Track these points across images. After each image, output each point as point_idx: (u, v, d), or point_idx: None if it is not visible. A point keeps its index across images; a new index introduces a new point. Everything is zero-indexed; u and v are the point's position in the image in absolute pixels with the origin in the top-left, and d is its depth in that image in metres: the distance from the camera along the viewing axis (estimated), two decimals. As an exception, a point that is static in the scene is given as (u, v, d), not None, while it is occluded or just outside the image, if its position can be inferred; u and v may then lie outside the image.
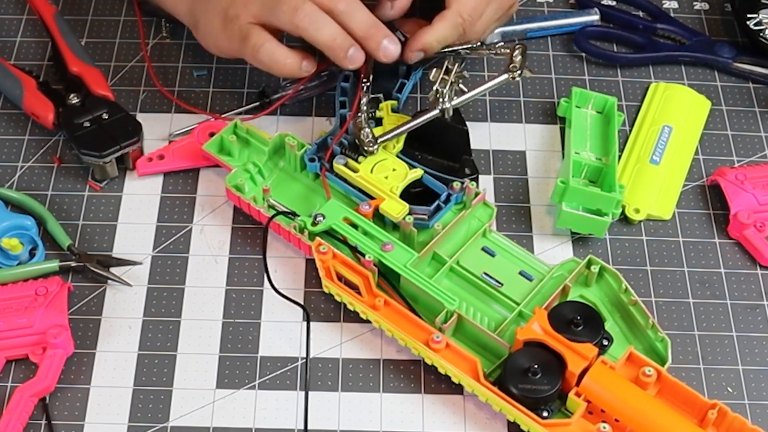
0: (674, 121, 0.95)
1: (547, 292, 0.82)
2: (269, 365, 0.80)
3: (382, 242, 0.82)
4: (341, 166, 0.86)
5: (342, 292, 0.81)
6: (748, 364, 0.82)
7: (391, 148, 0.88)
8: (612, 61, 1.00)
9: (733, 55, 1.00)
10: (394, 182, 0.85)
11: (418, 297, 0.81)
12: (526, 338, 0.77)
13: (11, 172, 0.91)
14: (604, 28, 1.03)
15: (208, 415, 0.78)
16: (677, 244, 0.88)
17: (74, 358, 0.80)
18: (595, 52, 1.00)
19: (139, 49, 0.99)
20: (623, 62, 1.00)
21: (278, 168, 0.90)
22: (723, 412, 0.75)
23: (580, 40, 1.01)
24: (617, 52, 1.01)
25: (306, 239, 0.83)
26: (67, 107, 0.90)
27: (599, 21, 1.03)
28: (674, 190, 0.91)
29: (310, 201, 0.88)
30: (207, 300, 0.84)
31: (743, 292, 0.86)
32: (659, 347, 0.80)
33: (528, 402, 0.75)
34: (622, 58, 1.00)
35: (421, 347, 0.78)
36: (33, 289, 0.81)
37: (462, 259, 0.84)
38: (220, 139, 0.89)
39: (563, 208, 0.86)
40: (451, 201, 0.86)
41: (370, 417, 0.78)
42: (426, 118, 0.88)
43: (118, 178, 0.90)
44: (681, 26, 1.02)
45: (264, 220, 0.85)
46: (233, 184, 0.86)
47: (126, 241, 0.87)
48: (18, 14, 1.03)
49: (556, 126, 0.96)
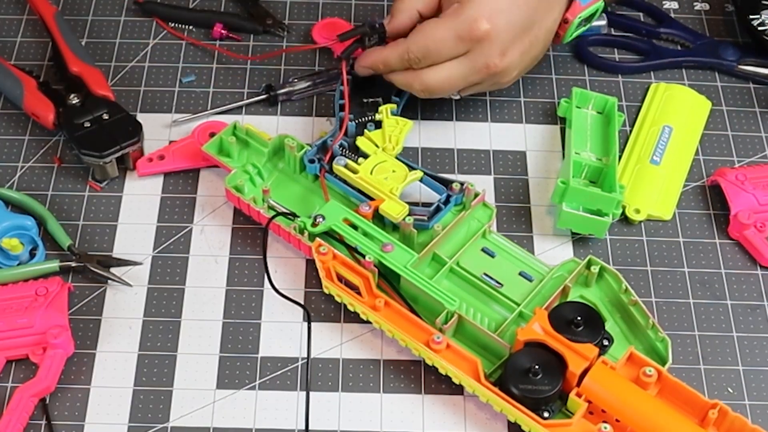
0: (674, 121, 0.95)
1: (547, 293, 0.82)
2: (269, 366, 0.80)
3: (382, 243, 0.82)
4: (341, 167, 0.86)
5: (342, 292, 0.81)
6: (749, 364, 0.82)
7: (391, 150, 0.88)
8: (616, 71, 1.00)
9: (737, 57, 1.00)
10: (393, 183, 0.85)
11: (418, 298, 0.81)
12: (526, 339, 0.77)
13: (11, 172, 0.91)
14: (606, 36, 1.02)
15: (208, 415, 0.78)
16: (677, 245, 0.88)
17: (74, 358, 0.80)
18: (598, 62, 1.00)
19: (139, 49, 0.99)
20: (627, 71, 1.00)
21: (277, 169, 0.90)
22: (724, 412, 0.75)
23: (582, 50, 1.00)
24: (620, 62, 1.00)
25: (306, 240, 0.83)
26: (67, 107, 0.90)
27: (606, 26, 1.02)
28: (674, 190, 0.91)
29: (309, 202, 0.88)
30: (207, 300, 0.84)
31: (743, 292, 0.86)
32: (659, 347, 0.80)
33: (529, 402, 0.75)
34: (626, 68, 1.00)
35: (422, 348, 0.78)
36: (33, 290, 0.81)
37: (462, 259, 0.84)
38: (219, 140, 0.89)
39: (563, 208, 0.86)
40: (450, 202, 0.86)
41: (370, 417, 0.78)
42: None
43: (119, 178, 0.90)
44: (684, 29, 1.02)
45: (264, 221, 0.85)
46: (233, 185, 0.86)
47: (126, 241, 0.87)
48: (18, 14, 1.03)
49: (556, 126, 0.96)
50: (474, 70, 0.87)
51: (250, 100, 0.95)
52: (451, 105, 0.96)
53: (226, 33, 1.00)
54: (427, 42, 0.85)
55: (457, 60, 0.86)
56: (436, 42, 0.85)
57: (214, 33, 1.00)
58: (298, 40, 1.01)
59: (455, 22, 0.85)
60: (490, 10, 0.85)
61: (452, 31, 0.85)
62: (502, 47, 0.86)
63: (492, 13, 0.85)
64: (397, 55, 0.87)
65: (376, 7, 1.03)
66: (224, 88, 0.97)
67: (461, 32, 0.84)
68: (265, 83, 0.96)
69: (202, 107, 0.95)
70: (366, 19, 0.91)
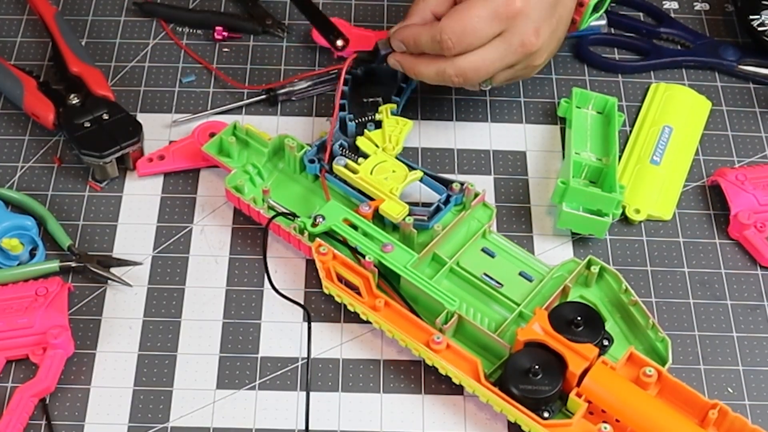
0: (675, 121, 0.95)
1: (547, 293, 0.82)
2: (269, 366, 0.80)
3: (382, 243, 0.82)
4: (341, 167, 0.86)
5: (342, 293, 0.81)
6: (749, 364, 0.82)
7: (391, 150, 0.88)
8: (616, 70, 1.00)
9: (737, 58, 1.00)
10: (393, 183, 0.85)
11: (418, 298, 0.81)
12: (526, 339, 0.77)
13: (11, 172, 0.91)
14: (606, 35, 1.02)
15: (208, 415, 0.78)
16: (677, 245, 0.88)
17: (74, 358, 0.80)
18: (598, 61, 1.00)
19: (139, 50, 0.99)
20: (628, 70, 1.00)
21: (277, 169, 0.90)
22: (724, 412, 0.75)
23: (583, 49, 1.00)
24: (621, 60, 1.00)
25: (306, 240, 0.83)
26: (67, 107, 0.90)
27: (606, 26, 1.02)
28: (674, 190, 0.91)
29: (309, 202, 0.88)
30: (207, 300, 0.84)
31: (743, 292, 0.86)
32: (659, 347, 0.80)
33: (529, 402, 0.75)
34: (627, 67, 1.00)
35: (422, 348, 0.78)
36: (33, 290, 0.81)
37: (462, 260, 0.84)
38: (219, 140, 0.89)
39: (563, 208, 0.86)
40: (450, 202, 0.86)
41: (370, 417, 0.78)
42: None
43: (119, 178, 0.90)
44: (685, 29, 1.02)
45: (264, 221, 0.85)
46: (233, 185, 0.86)
47: (126, 241, 0.87)
48: (18, 14, 1.03)
49: (556, 126, 0.96)
50: (510, 50, 0.84)
51: (250, 100, 0.95)
52: (451, 105, 0.96)
53: (227, 35, 1.00)
54: (463, 22, 0.82)
55: (491, 43, 0.84)
56: (472, 21, 0.82)
57: (215, 35, 1.00)
58: (298, 41, 1.01)
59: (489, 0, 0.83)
60: None
61: (488, 10, 0.82)
62: (536, 24, 0.84)
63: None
64: (429, 35, 0.84)
65: (376, 8, 1.03)
66: (224, 88, 0.97)
67: (497, 9, 0.82)
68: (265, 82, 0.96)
69: (202, 107, 0.95)
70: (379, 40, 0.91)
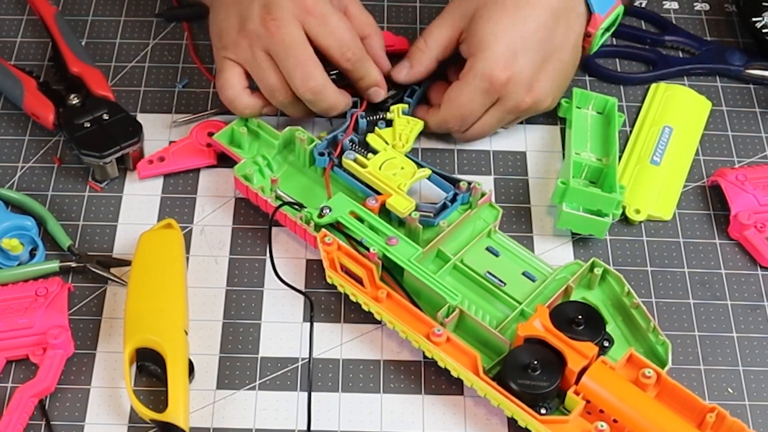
0: (675, 121, 0.95)
1: (549, 293, 0.82)
2: (270, 366, 0.80)
3: (387, 236, 0.82)
4: (350, 161, 0.86)
5: (345, 282, 0.80)
6: (749, 364, 0.82)
7: (401, 147, 0.88)
8: (627, 83, 0.99)
9: (744, 62, 0.99)
10: (401, 179, 0.86)
11: (421, 292, 0.81)
12: (526, 334, 0.77)
13: (11, 172, 0.91)
14: (613, 47, 1.01)
15: (208, 415, 0.78)
16: (678, 245, 0.88)
17: (74, 358, 0.80)
18: (606, 74, 0.99)
19: (139, 50, 0.99)
20: (637, 82, 0.99)
21: (287, 162, 0.90)
22: (721, 416, 0.74)
23: (590, 63, 0.99)
24: (629, 72, 1.00)
25: (312, 230, 0.83)
26: (67, 107, 0.90)
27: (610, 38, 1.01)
28: (675, 190, 0.91)
29: (317, 195, 0.88)
30: (207, 300, 0.84)
31: (744, 292, 0.86)
32: (660, 350, 0.79)
33: (526, 398, 0.75)
34: (637, 79, 0.99)
35: (422, 340, 0.78)
36: (33, 290, 0.81)
37: (466, 257, 0.84)
38: (230, 130, 0.90)
39: (564, 208, 0.86)
40: (457, 200, 0.86)
41: (370, 417, 0.78)
42: None
43: (119, 178, 0.90)
44: (689, 36, 1.02)
45: (271, 210, 0.85)
46: (242, 174, 0.86)
47: (126, 241, 0.87)
48: (18, 14, 1.03)
49: (556, 126, 0.96)
50: (506, 112, 0.90)
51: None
52: (451, 105, 0.96)
53: None
54: (461, 110, 0.88)
55: (489, 112, 0.90)
56: (468, 106, 0.88)
57: None
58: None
59: (475, 80, 0.87)
60: (505, 58, 0.86)
61: (477, 91, 0.87)
62: (527, 84, 0.88)
63: (507, 60, 0.86)
64: (435, 124, 0.91)
65: (376, 8, 1.03)
66: (224, 89, 0.97)
67: (487, 88, 0.87)
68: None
69: (202, 107, 0.95)
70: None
